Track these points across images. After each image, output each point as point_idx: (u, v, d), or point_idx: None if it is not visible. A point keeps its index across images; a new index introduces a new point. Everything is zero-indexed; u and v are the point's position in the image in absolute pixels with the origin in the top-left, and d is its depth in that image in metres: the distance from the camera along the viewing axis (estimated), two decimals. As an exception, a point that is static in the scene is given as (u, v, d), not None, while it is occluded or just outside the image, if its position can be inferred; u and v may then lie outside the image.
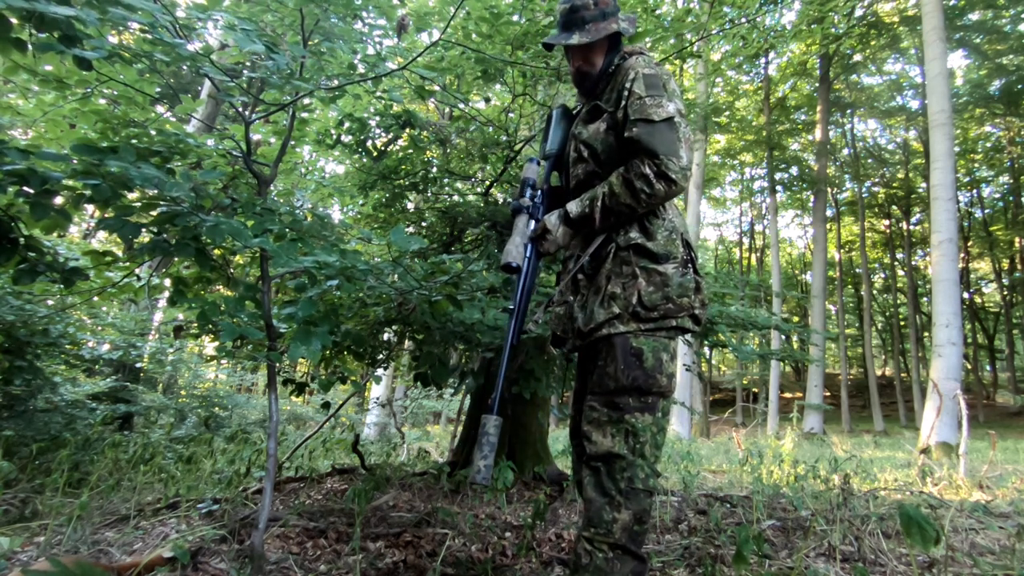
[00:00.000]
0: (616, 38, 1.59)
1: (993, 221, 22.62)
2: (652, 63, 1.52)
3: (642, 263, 1.46)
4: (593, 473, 1.41)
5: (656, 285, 1.44)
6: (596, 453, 1.40)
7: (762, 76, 18.49)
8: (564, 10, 1.56)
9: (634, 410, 1.40)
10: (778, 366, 15.42)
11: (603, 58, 1.58)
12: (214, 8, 1.96)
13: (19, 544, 1.89)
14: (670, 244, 1.48)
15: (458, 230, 3.86)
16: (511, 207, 1.57)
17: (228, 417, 7.80)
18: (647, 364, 1.41)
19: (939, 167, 8.49)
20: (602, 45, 1.58)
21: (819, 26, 6.73)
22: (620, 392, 1.41)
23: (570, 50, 1.60)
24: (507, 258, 1.42)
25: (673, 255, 1.48)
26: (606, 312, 1.43)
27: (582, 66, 1.59)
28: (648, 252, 1.46)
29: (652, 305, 1.42)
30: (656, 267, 1.45)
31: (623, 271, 1.46)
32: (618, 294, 1.44)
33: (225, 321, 1.77)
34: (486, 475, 1.27)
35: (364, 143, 3.87)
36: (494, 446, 1.29)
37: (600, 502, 1.37)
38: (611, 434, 1.39)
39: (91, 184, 1.53)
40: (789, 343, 21.20)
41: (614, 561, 1.34)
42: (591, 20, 1.53)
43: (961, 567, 1.94)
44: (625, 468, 1.37)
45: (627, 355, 1.41)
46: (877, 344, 29.06)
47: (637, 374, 1.40)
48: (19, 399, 3.61)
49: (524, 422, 3.71)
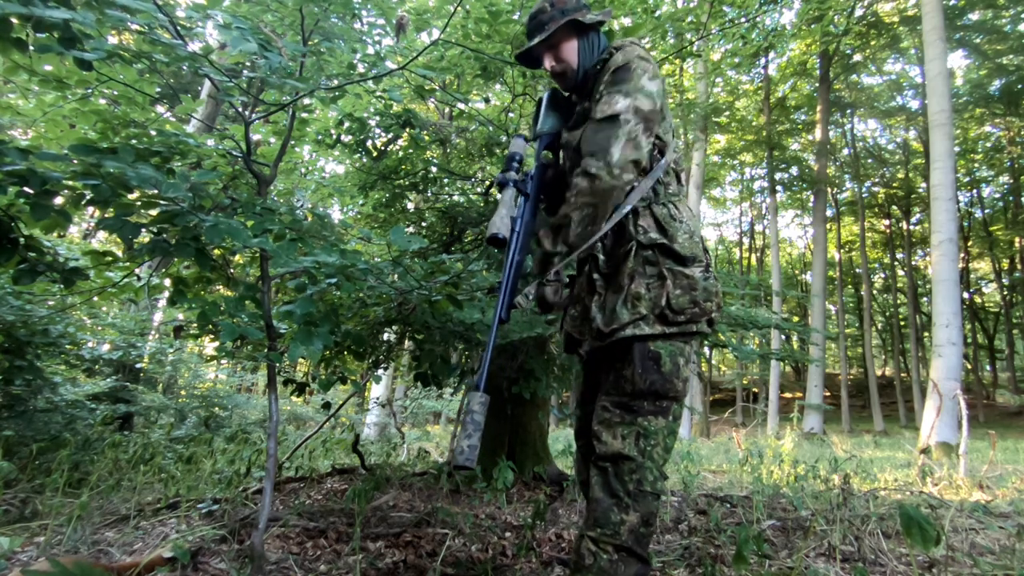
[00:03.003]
0: (586, 29, 1.56)
1: (993, 221, 22.62)
2: (633, 53, 1.46)
3: (667, 264, 1.43)
4: (600, 473, 1.39)
5: (683, 288, 1.42)
6: (605, 453, 1.38)
7: (762, 76, 18.48)
8: (527, 22, 1.58)
9: (648, 413, 1.39)
10: (778, 366, 15.42)
11: (575, 53, 1.55)
12: (213, 8, 1.96)
13: (19, 544, 1.89)
14: (694, 247, 1.46)
15: (458, 230, 3.86)
16: (496, 180, 1.53)
17: (228, 417, 7.80)
18: (665, 368, 1.39)
19: (939, 167, 8.49)
20: (567, 39, 1.54)
21: (819, 24, 6.74)
22: (636, 396, 1.39)
23: (540, 54, 1.58)
24: (492, 229, 1.38)
25: (698, 258, 1.46)
26: (631, 312, 1.40)
27: (555, 66, 1.57)
28: (674, 253, 1.44)
29: (680, 308, 1.40)
30: (683, 270, 1.43)
31: (647, 271, 1.43)
32: (643, 294, 1.41)
33: (225, 321, 1.77)
34: (471, 456, 1.20)
35: (364, 143, 3.87)
36: (479, 425, 1.23)
37: (607, 503, 1.35)
38: (622, 435, 1.38)
39: (91, 184, 1.53)
40: (789, 343, 21.23)
41: (618, 563, 1.32)
42: (549, 20, 1.52)
43: (961, 567, 1.94)
44: (634, 470, 1.36)
45: (645, 359, 1.39)
46: (877, 344, 29.07)
47: (655, 378, 1.39)
48: (19, 399, 3.61)
49: (524, 422, 3.71)
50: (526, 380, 3.17)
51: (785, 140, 19.73)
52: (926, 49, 9.14)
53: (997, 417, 19.19)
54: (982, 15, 16.16)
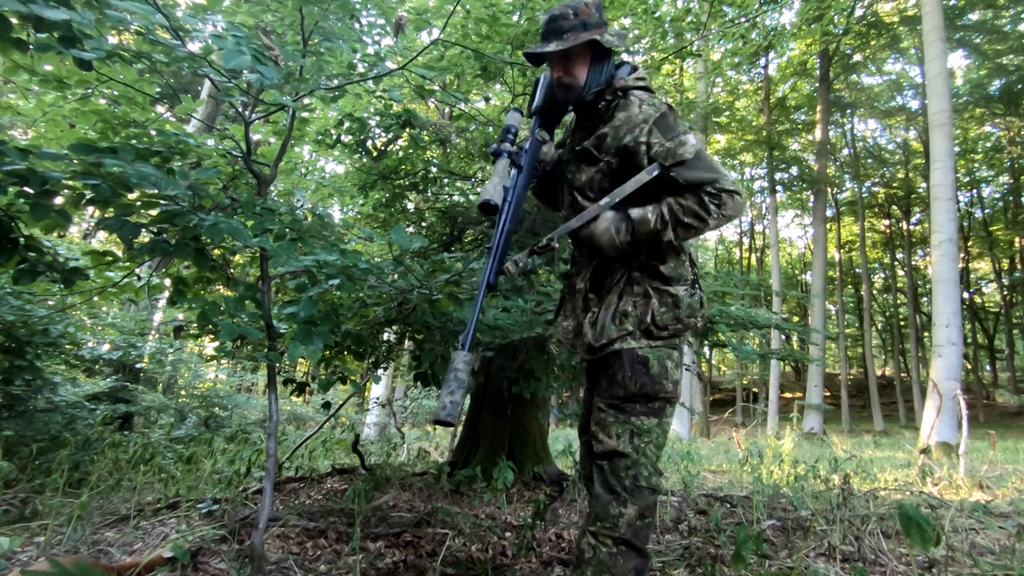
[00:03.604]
0: (601, 52, 1.56)
1: (993, 221, 22.61)
2: (653, 102, 1.52)
3: (654, 284, 1.51)
4: (599, 471, 1.46)
5: (668, 306, 1.49)
6: (602, 451, 1.45)
7: (762, 76, 18.47)
8: (545, 21, 1.58)
9: (640, 414, 1.46)
10: (778, 366, 15.42)
11: (585, 72, 1.56)
12: (213, 8, 1.96)
13: (19, 544, 1.89)
14: (680, 266, 1.54)
15: (458, 230, 3.86)
16: (491, 150, 1.57)
17: (228, 417, 7.80)
18: (653, 371, 1.46)
19: (939, 167, 8.49)
20: (583, 57, 1.55)
21: (819, 24, 6.74)
22: (628, 399, 1.46)
23: (552, 61, 1.59)
24: (484, 196, 1.41)
25: (684, 277, 1.54)
26: (618, 329, 1.48)
27: (563, 77, 1.57)
28: (659, 274, 1.52)
29: (663, 325, 1.48)
30: (667, 288, 1.51)
31: (634, 290, 1.51)
32: (630, 312, 1.49)
33: (225, 321, 1.77)
34: (452, 412, 1.22)
35: (364, 143, 3.87)
36: (463, 383, 1.25)
37: (607, 498, 1.42)
38: (616, 434, 1.44)
39: (91, 184, 1.53)
40: (789, 343, 21.23)
41: (617, 556, 1.38)
42: (569, 30, 1.52)
43: (961, 567, 1.94)
44: (629, 466, 1.42)
45: (634, 364, 1.46)
46: (877, 344, 29.06)
47: (644, 380, 1.45)
48: (19, 399, 3.61)
49: (524, 422, 3.71)
50: (526, 380, 3.17)
51: (785, 140, 19.73)
52: (926, 49, 9.14)
53: (997, 417, 19.18)
54: (982, 15, 16.16)
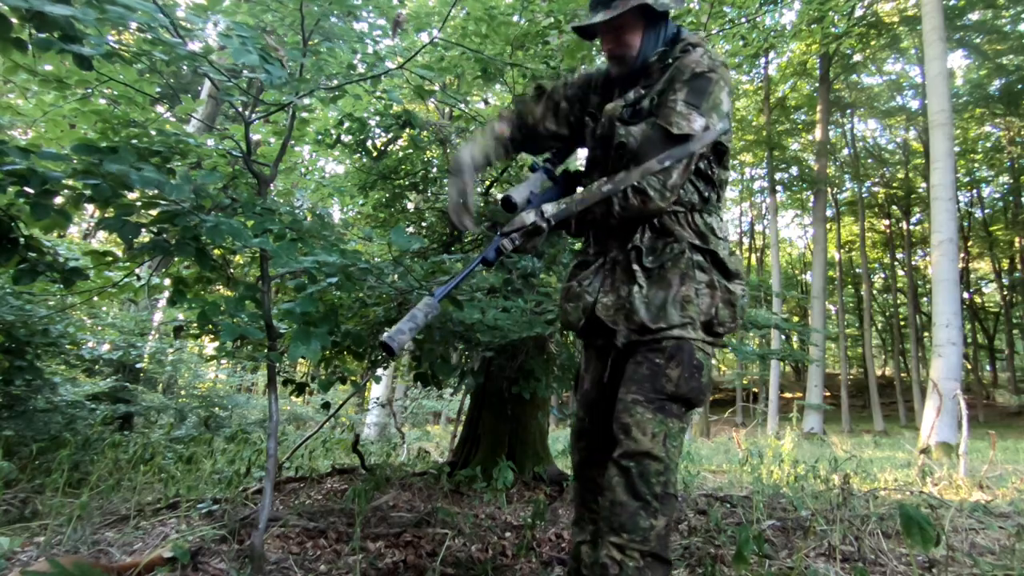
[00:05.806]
0: (655, 16, 1.45)
1: (993, 221, 22.61)
2: (717, 60, 1.40)
3: (716, 276, 1.43)
4: (623, 473, 1.33)
5: (726, 303, 1.43)
6: (634, 451, 1.33)
7: (762, 76, 18.48)
8: None
9: (674, 416, 1.37)
10: (778, 366, 15.43)
11: (639, 38, 1.45)
12: (213, 8, 1.96)
13: (19, 544, 1.89)
14: (737, 263, 1.47)
15: (458, 230, 3.86)
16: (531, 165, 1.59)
17: (228, 417, 7.80)
18: (704, 379, 1.40)
19: (939, 167, 8.48)
20: (634, 24, 1.44)
21: (819, 25, 6.73)
22: (673, 398, 1.37)
23: (601, 33, 1.50)
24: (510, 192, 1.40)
25: (741, 275, 1.47)
26: (681, 315, 1.38)
27: (614, 48, 1.47)
28: (723, 267, 1.44)
29: (722, 321, 1.42)
30: (728, 284, 1.44)
31: (698, 277, 1.41)
32: (693, 300, 1.39)
33: (225, 321, 1.77)
34: (395, 337, 1.18)
35: (364, 143, 3.87)
36: (417, 321, 1.23)
37: (633, 506, 1.30)
38: (652, 434, 1.33)
39: (91, 184, 1.53)
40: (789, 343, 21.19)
41: (645, 569, 1.29)
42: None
43: (961, 567, 1.94)
44: (662, 471, 1.32)
45: (691, 365, 1.38)
46: (877, 344, 29.04)
47: (695, 385, 1.38)
48: (19, 399, 3.61)
49: (524, 422, 3.71)
50: (526, 380, 3.17)
51: (785, 140, 19.74)
52: (926, 49, 9.14)
53: (997, 417, 19.18)
54: (982, 15, 16.16)
